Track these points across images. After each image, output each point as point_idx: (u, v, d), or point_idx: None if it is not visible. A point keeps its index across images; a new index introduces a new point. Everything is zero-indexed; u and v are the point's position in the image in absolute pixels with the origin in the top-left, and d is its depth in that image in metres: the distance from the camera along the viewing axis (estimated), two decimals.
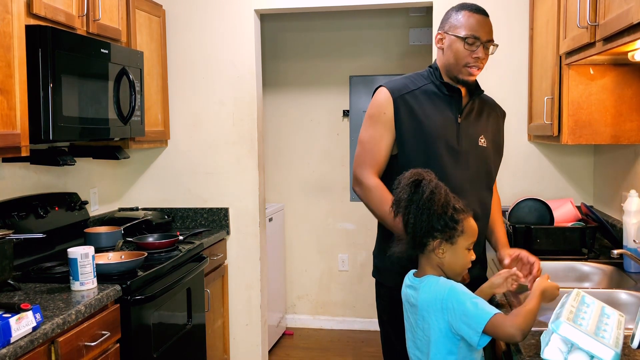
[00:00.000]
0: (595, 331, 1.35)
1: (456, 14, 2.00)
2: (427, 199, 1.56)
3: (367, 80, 4.52)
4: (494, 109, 2.15)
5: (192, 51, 3.52)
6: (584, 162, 3.24)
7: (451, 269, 1.60)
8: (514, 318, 1.46)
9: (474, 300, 1.50)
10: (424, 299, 1.56)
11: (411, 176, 1.61)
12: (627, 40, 1.67)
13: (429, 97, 2.01)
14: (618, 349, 1.32)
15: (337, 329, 4.65)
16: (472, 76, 1.99)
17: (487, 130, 2.08)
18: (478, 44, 1.95)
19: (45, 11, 2.28)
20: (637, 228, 2.25)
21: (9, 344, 1.63)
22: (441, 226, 1.56)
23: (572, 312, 1.40)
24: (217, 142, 3.54)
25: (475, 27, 1.95)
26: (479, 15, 1.98)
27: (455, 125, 2.00)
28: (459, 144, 1.98)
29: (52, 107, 2.23)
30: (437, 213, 1.55)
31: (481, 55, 1.96)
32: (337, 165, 4.61)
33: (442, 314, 1.51)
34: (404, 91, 2.00)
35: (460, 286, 1.55)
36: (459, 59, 1.96)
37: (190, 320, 2.87)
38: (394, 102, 1.98)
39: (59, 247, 2.73)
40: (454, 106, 2.02)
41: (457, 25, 1.98)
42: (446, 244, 1.57)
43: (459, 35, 1.96)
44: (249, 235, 3.55)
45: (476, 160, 2.02)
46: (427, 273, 1.61)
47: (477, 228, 1.64)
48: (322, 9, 3.51)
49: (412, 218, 1.57)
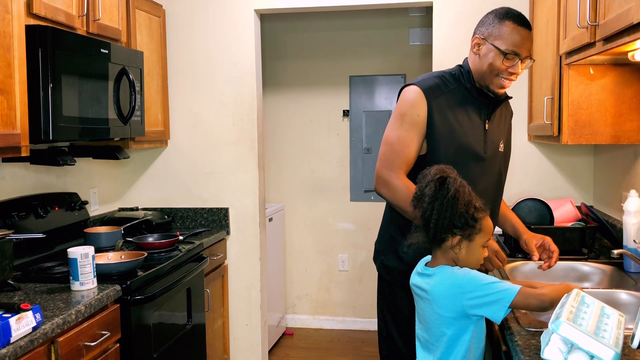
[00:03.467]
0: (595, 331, 1.35)
1: (500, 23, 1.90)
2: (452, 197, 1.58)
3: (367, 80, 4.52)
4: (507, 109, 2.14)
5: (192, 51, 3.52)
6: (584, 162, 3.24)
7: (465, 264, 1.62)
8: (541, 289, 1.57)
9: (492, 281, 1.55)
10: (438, 286, 1.60)
11: (437, 172, 1.62)
12: (627, 40, 1.67)
13: (460, 101, 1.96)
14: (618, 349, 1.32)
15: (337, 329, 4.65)
16: (503, 89, 1.95)
17: (504, 134, 2.08)
18: (517, 59, 1.88)
19: (45, 11, 2.28)
20: (637, 228, 2.25)
21: (9, 344, 1.63)
22: (462, 224, 1.59)
23: (572, 312, 1.40)
24: (217, 142, 3.54)
25: (518, 43, 1.87)
26: (524, 30, 1.89)
27: (482, 132, 1.98)
28: (485, 151, 1.97)
29: (52, 107, 2.23)
30: (460, 211, 1.58)
31: (518, 71, 1.90)
32: (337, 165, 4.61)
33: (461, 298, 1.54)
34: (437, 93, 1.94)
35: (476, 272, 1.59)
36: (494, 71, 1.90)
37: (190, 320, 2.87)
38: (427, 105, 1.91)
39: (59, 247, 2.73)
40: (483, 112, 1.99)
41: (498, 35, 1.89)
42: (464, 241, 1.60)
43: (499, 48, 1.87)
44: (249, 235, 3.55)
45: (497, 166, 2.03)
46: (440, 263, 1.64)
47: (492, 226, 1.67)
48: (322, 9, 3.51)
49: (435, 214, 1.59)
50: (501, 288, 1.53)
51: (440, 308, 1.59)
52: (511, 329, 1.64)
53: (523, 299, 1.52)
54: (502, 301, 1.51)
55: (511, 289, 1.52)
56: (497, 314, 1.52)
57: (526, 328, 1.63)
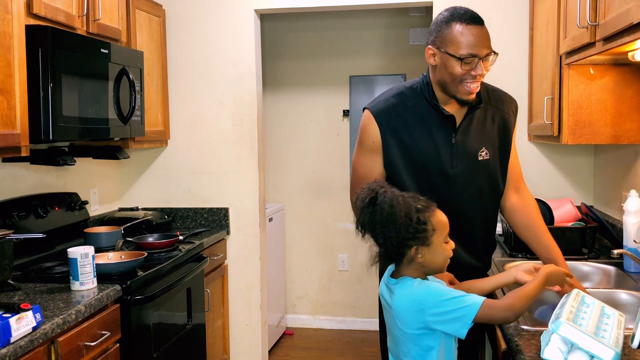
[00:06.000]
0: (595, 331, 1.35)
1: (447, 27, 1.77)
2: (388, 214, 1.52)
3: (367, 80, 4.52)
4: (500, 108, 1.96)
5: (192, 51, 3.52)
6: (584, 162, 3.24)
7: (433, 266, 1.57)
8: (507, 299, 1.50)
9: (454, 295, 1.49)
10: (399, 302, 1.54)
11: (366, 195, 1.57)
12: (627, 40, 1.67)
13: (420, 119, 1.86)
14: (618, 349, 1.32)
15: (337, 329, 4.65)
16: (472, 94, 1.81)
17: (492, 137, 1.92)
18: (476, 60, 1.75)
19: (45, 11, 2.27)
20: (637, 228, 2.25)
21: (9, 343, 1.63)
22: (412, 234, 1.52)
23: (572, 312, 1.40)
24: (217, 142, 3.54)
25: (472, 43, 1.73)
26: (474, 27, 1.74)
27: (449, 148, 1.86)
28: (453, 166, 1.87)
29: (52, 107, 2.23)
30: (403, 224, 1.51)
31: (482, 72, 1.77)
32: (337, 165, 4.61)
33: (422, 314, 1.49)
34: (391, 115, 1.87)
35: (437, 285, 1.54)
36: (456, 78, 1.77)
37: (190, 320, 2.87)
38: (380, 131, 1.87)
39: (59, 247, 2.73)
40: (449, 125, 1.86)
41: (449, 41, 1.75)
42: (422, 247, 1.54)
43: (454, 55, 1.75)
44: (249, 235, 3.55)
45: (476, 178, 1.90)
46: (403, 274, 1.58)
47: (446, 218, 1.58)
48: (322, 9, 3.51)
49: (381, 238, 1.54)
50: (463, 304, 1.48)
51: (403, 324, 1.53)
52: (511, 329, 1.64)
53: (486, 313, 1.47)
54: (465, 318, 1.47)
55: (473, 305, 1.47)
56: (460, 331, 1.48)
57: (526, 328, 1.63)
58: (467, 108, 1.88)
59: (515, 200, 2.02)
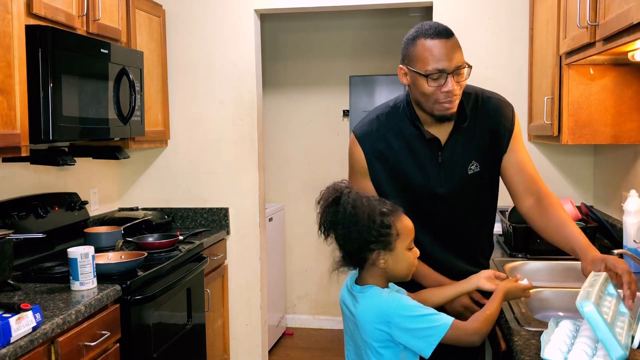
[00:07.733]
0: (612, 324, 1.32)
1: (412, 45, 1.70)
2: (350, 215, 1.47)
3: (367, 80, 4.52)
4: (491, 116, 1.84)
5: (192, 51, 3.52)
6: (584, 162, 3.24)
7: (396, 273, 1.52)
8: (474, 323, 1.49)
9: (424, 313, 1.45)
10: (364, 312, 1.48)
11: (330, 195, 1.52)
12: (627, 40, 1.67)
13: (404, 140, 1.81)
14: (627, 350, 1.30)
15: (337, 329, 4.65)
16: (449, 110, 1.71)
17: (482, 148, 1.83)
18: (445, 76, 1.65)
19: (45, 11, 2.28)
20: (637, 228, 2.25)
21: (9, 343, 1.63)
22: (374, 237, 1.46)
23: (601, 297, 1.35)
24: (217, 142, 3.54)
25: (437, 58, 1.64)
26: (439, 41, 1.66)
27: (435, 168, 1.81)
28: (441, 185, 1.81)
29: (52, 107, 2.23)
30: (366, 226, 1.46)
31: (452, 87, 1.66)
32: (337, 165, 4.60)
33: (388, 327, 1.44)
34: (374, 138, 1.82)
35: (406, 299, 1.49)
36: (428, 97, 1.69)
37: (190, 320, 2.87)
38: (365, 154, 1.83)
39: (59, 247, 2.73)
40: (434, 145, 1.80)
41: (415, 58, 1.68)
42: (385, 252, 1.48)
43: (419, 72, 1.67)
44: (249, 235, 3.55)
45: (468, 193, 1.84)
46: (368, 282, 1.52)
47: (412, 225, 1.53)
48: (322, 9, 3.51)
49: (342, 239, 1.50)
50: (433, 323, 1.43)
51: (366, 335, 1.48)
52: (511, 329, 1.63)
53: (454, 335, 1.44)
54: (432, 338, 1.42)
55: (442, 325, 1.43)
56: (425, 351, 1.43)
57: (526, 328, 1.63)
58: (453, 125, 1.80)
59: (531, 204, 1.85)
